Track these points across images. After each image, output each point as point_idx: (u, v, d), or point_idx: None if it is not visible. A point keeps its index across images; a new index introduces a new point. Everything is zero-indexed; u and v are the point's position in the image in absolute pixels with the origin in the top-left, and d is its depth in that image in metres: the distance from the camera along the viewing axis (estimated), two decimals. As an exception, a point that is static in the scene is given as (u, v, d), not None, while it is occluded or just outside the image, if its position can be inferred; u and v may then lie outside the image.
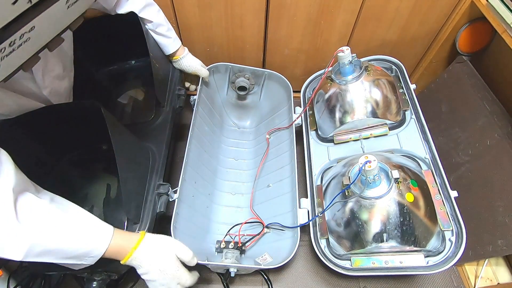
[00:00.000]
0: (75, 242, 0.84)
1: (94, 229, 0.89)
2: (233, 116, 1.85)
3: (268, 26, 1.57)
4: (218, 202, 1.53)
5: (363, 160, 1.04)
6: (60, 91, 1.17)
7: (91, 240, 0.87)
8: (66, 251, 0.83)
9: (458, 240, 1.08)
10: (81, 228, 0.86)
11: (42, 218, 0.80)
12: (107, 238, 0.89)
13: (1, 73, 0.71)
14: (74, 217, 0.87)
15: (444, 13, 1.53)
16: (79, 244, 0.85)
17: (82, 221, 0.88)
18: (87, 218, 0.90)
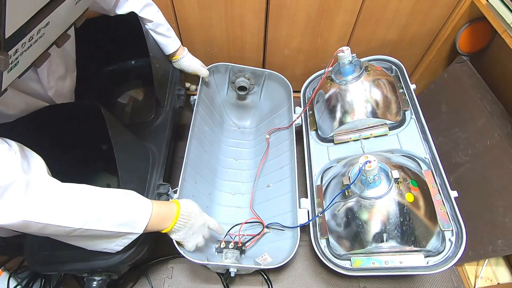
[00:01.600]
0: (121, 210, 0.92)
1: (136, 200, 0.98)
2: (233, 116, 1.85)
3: (268, 26, 1.57)
4: (218, 202, 1.53)
5: (363, 160, 1.04)
6: (63, 92, 1.18)
7: (135, 209, 0.96)
8: (115, 218, 0.91)
9: (458, 240, 1.08)
10: (125, 198, 0.96)
11: (89, 191, 0.91)
12: (148, 209, 0.98)
13: (20, 68, 0.75)
14: (116, 192, 0.96)
15: (444, 13, 1.52)
16: (125, 211, 0.93)
17: (124, 194, 0.97)
18: (128, 192, 0.99)
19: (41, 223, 0.78)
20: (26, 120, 1.07)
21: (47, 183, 0.83)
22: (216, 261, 1.27)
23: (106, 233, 0.91)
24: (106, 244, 1.00)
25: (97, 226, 0.87)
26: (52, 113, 1.11)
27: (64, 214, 0.82)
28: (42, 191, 0.80)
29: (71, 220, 0.83)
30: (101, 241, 0.97)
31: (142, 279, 1.42)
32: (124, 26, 1.29)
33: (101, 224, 0.88)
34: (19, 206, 0.75)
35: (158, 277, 1.44)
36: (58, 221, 0.81)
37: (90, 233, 0.88)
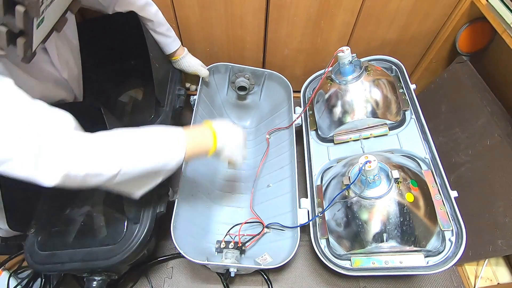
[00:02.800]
0: (156, 147, 0.93)
1: (169, 134, 0.97)
2: (233, 116, 1.85)
3: (268, 26, 1.57)
4: (218, 202, 1.53)
5: (363, 160, 1.04)
6: (74, 75, 1.19)
7: (169, 144, 0.95)
8: (152, 157, 0.91)
9: (458, 240, 1.08)
10: (158, 134, 0.96)
11: (122, 135, 0.89)
12: (182, 141, 0.97)
13: (45, 27, 0.79)
14: (148, 130, 0.95)
15: (444, 13, 1.52)
16: (160, 148, 0.93)
17: (157, 130, 0.96)
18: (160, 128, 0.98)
19: (80, 175, 0.80)
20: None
21: (81, 135, 0.83)
22: (216, 261, 1.27)
23: (146, 172, 0.92)
24: (153, 181, 1.00)
25: (134, 168, 0.89)
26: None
27: (102, 162, 0.83)
28: (78, 143, 0.81)
29: (108, 167, 0.84)
30: (146, 179, 0.98)
31: (142, 279, 1.43)
32: (124, 26, 1.29)
33: (138, 165, 0.89)
34: (60, 161, 0.77)
35: (158, 277, 1.44)
36: (97, 170, 0.82)
37: (129, 176, 0.89)
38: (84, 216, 1.20)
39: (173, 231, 1.15)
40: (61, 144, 0.78)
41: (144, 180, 0.98)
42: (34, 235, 1.18)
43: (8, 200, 1.10)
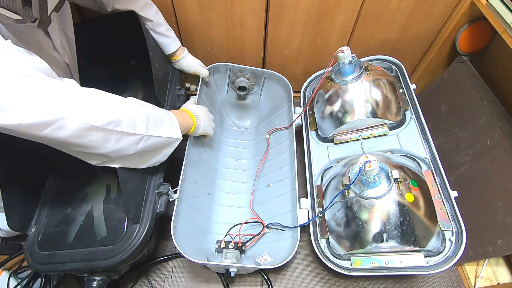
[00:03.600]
0: (164, 118, 1.07)
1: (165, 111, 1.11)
2: (233, 116, 1.85)
3: (268, 26, 1.57)
4: (218, 202, 1.53)
5: (363, 160, 1.04)
6: (72, 62, 1.23)
7: (168, 118, 1.09)
8: (165, 125, 1.06)
9: (458, 240, 1.08)
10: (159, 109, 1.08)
11: (143, 105, 1.01)
12: (174, 117, 1.12)
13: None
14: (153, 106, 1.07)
15: (444, 13, 1.52)
16: (166, 119, 1.07)
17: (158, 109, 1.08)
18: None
19: (119, 132, 0.90)
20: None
21: (115, 96, 0.93)
22: (216, 261, 1.27)
23: (160, 141, 1.04)
24: (157, 157, 1.12)
25: (156, 132, 1.01)
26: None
27: (135, 122, 0.93)
28: (113, 103, 0.91)
29: (140, 127, 0.95)
30: (154, 153, 1.09)
31: (142, 279, 1.42)
32: (124, 26, 1.30)
33: (158, 131, 1.01)
34: (105, 119, 0.86)
35: (158, 277, 1.44)
36: (131, 129, 0.92)
37: (150, 141, 0.99)
38: (84, 216, 1.20)
39: (173, 231, 1.15)
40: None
41: (152, 155, 1.10)
42: (34, 235, 1.18)
43: (8, 200, 1.10)
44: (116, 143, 0.91)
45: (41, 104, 0.74)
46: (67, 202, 1.24)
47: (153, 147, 1.03)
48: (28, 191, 1.23)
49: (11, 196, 1.11)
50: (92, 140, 0.86)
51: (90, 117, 0.82)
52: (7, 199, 1.10)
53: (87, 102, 0.84)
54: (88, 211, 1.21)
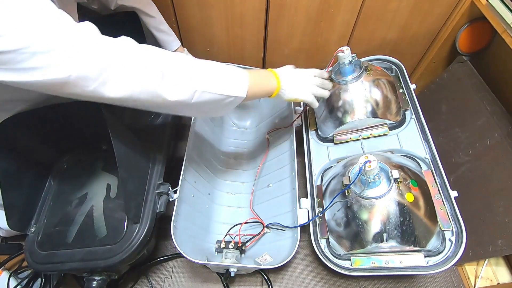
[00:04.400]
0: (226, 75, 1.02)
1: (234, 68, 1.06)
2: (233, 116, 1.85)
3: (268, 26, 1.58)
4: (218, 202, 1.53)
5: (363, 160, 1.04)
6: None
7: (235, 75, 1.04)
8: (223, 82, 0.99)
9: (458, 240, 1.08)
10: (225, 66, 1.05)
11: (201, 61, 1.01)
12: (245, 76, 1.05)
13: None
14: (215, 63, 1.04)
15: (444, 13, 1.53)
16: (229, 76, 1.02)
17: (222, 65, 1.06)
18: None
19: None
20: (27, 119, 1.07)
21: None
22: (216, 261, 1.27)
23: (217, 98, 0.99)
24: (217, 111, 1.10)
25: (211, 88, 0.96)
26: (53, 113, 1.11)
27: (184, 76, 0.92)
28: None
29: (191, 82, 0.93)
30: (213, 106, 1.03)
31: (142, 279, 1.43)
32: (123, 26, 1.30)
33: (214, 87, 0.97)
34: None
35: (158, 277, 1.44)
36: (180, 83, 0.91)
37: (205, 97, 0.96)
38: (84, 216, 1.20)
39: (173, 231, 1.15)
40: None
41: (210, 107, 1.03)
42: (34, 234, 1.19)
43: (8, 199, 1.10)
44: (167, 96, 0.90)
45: (91, 56, 0.75)
46: (67, 201, 1.24)
47: (209, 102, 1.00)
48: (28, 190, 1.23)
49: (11, 196, 1.12)
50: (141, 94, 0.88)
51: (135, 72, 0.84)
52: (7, 198, 1.10)
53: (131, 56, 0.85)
54: (88, 211, 1.21)
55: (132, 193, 1.13)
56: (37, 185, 1.27)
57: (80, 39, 0.73)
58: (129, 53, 0.84)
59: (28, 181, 1.23)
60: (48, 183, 1.29)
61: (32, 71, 0.68)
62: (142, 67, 0.84)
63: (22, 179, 1.19)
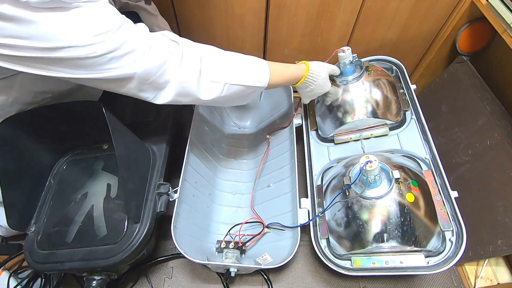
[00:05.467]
0: (250, 65, 1.10)
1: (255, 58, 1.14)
2: (233, 116, 1.85)
3: (268, 26, 1.57)
4: (218, 202, 1.53)
5: (364, 160, 1.04)
6: None
7: (257, 65, 1.13)
8: (249, 73, 1.07)
9: (458, 240, 1.08)
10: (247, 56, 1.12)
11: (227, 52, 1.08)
12: (266, 66, 1.15)
13: None
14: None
15: (444, 13, 1.52)
16: (252, 66, 1.10)
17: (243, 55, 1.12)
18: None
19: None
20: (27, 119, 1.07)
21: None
22: (216, 261, 1.27)
23: (243, 89, 1.06)
24: (241, 101, 1.15)
25: (238, 80, 1.04)
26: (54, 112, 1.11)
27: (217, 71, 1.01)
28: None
29: (221, 76, 1.01)
30: (238, 96, 1.09)
31: (142, 279, 1.43)
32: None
33: (241, 79, 1.04)
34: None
35: (158, 277, 1.44)
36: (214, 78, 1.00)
37: (233, 89, 1.04)
38: (84, 216, 1.20)
39: (173, 231, 1.15)
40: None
41: (236, 98, 1.10)
42: (34, 234, 1.18)
43: (9, 198, 1.10)
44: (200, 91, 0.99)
45: (152, 53, 0.87)
46: (67, 201, 1.24)
47: (236, 92, 1.06)
48: (28, 190, 1.23)
49: (11, 195, 1.11)
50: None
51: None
52: (7, 198, 1.10)
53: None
54: (88, 210, 1.20)
55: (132, 193, 1.13)
56: (37, 185, 1.27)
57: (143, 39, 0.86)
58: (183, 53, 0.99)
59: (28, 180, 1.23)
60: (48, 183, 1.29)
61: (107, 71, 0.81)
62: (185, 64, 0.97)
63: (22, 178, 1.19)
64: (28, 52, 0.72)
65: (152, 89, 0.92)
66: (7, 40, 0.69)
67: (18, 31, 0.68)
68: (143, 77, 0.87)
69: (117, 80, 0.85)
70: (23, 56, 0.73)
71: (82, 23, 0.73)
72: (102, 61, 0.78)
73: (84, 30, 0.73)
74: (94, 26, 0.74)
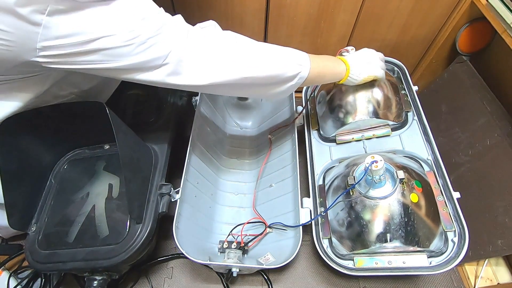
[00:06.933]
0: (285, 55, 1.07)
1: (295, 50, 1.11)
2: (235, 117, 1.85)
3: (268, 26, 1.57)
4: (220, 202, 1.53)
5: (370, 160, 1.04)
6: None
7: (296, 56, 1.09)
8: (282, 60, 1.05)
9: (460, 241, 1.09)
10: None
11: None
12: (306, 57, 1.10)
13: None
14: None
15: (444, 13, 1.53)
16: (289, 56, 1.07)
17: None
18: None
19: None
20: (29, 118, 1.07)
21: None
22: (218, 261, 1.27)
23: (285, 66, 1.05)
24: (286, 83, 1.10)
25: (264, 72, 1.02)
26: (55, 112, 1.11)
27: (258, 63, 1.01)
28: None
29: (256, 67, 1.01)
30: (281, 82, 1.08)
31: (142, 279, 1.43)
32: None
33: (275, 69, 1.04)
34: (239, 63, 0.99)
35: (158, 277, 1.44)
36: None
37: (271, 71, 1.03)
38: (85, 215, 1.19)
39: (175, 231, 1.15)
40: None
41: (275, 87, 1.10)
42: (35, 234, 1.18)
43: (9, 198, 1.10)
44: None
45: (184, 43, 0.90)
46: (68, 201, 1.23)
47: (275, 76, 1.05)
48: (29, 189, 1.23)
49: (12, 195, 1.11)
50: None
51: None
52: (8, 197, 1.09)
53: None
54: (89, 211, 1.20)
55: (135, 193, 1.13)
56: (38, 184, 1.26)
57: (181, 25, 0.92)
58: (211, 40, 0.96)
59: (29, 179, 1.22)
60: (49, 182, 1.29)
61: (142, 57, 0.85)
62: (223, 52, 0.97)
63: (23, 177, 1.18)
64: (75, 48, 0.76)
65: (188, 71, 0.93)
66: (57, 41, 0.74)
67: (68, 27, 0.73)
68: (178, 58, 0.89)
69: (152, 66, 0.89)
70: (69, 53, 0.77)
71: (123, 12, 0.79)
72: (142, 48, 0.83)
73: (126, 19, 0.79)
74: (134, 14, 0.80)
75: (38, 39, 0.72)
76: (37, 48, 0.73)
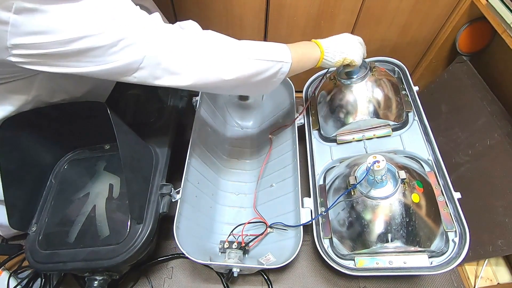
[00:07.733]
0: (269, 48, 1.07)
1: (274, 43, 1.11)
2: (235, 117, 1.85)
3: (268, 26, 1.57)
4: (221, 202, 1.53)
5: (372, 160, 1.04)
6: None
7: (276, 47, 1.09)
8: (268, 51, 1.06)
9: (461, 241, 1.09)
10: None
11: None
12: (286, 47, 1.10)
13: None
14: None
15: (444, 13, 1.53)
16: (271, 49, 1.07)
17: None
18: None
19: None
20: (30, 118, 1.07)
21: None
22: (219, 261, 1.27)
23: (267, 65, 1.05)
24: (268, 84, 1.13)
25: (260, 56, 1.03)
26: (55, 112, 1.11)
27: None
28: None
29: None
30: (263, 77, 1.07)
31: (142, 279, 1.42)
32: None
33: (262, 55, 1.04)
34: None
35: (158, 277, 1.44)
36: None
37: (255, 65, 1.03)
38: (86, 216, 1.19)
39: (175, 232, 1.15)
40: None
41: (263, 81, 1.09)
42: (35, 234, 1.18)
43: (10, 198, 1.10)
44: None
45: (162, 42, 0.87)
46: (69, 201, 1.23)
47: (259, 72, 1.05)
48: (29, 189, 1.23)
49: (12, 194, 1.11)
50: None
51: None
52: (8, 197, 1.09)
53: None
54: (90, 211, 1.20)
55: (136, 193, 1.13)
56: (38, 184, 1.26)
57: (156, 30, 0.86)
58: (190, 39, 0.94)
59: (30, 179, 1.22)
60: (49, 182, 1.29)
61: (115, 61, 0.81)
62: (202, 53, 0.96)
63: (23, 177, 1.18)
64: (46, 49, 0.74)
65: (168, 74, 0.91)
66: (26, 39, 0.72)
67: (36, 25, 0.70)
68: (155, 62, 0.87)
69: (129, 70, 0.86)
70: (41, 54, 0.75)
71: (93, 12, 0.75)
72: (114, 50, 0.79)
73: (95, 19, 0.75)
74: (105, 14, 0.76)
75: (8, 37, 0.71)
76: (7, 46, 0.72)
